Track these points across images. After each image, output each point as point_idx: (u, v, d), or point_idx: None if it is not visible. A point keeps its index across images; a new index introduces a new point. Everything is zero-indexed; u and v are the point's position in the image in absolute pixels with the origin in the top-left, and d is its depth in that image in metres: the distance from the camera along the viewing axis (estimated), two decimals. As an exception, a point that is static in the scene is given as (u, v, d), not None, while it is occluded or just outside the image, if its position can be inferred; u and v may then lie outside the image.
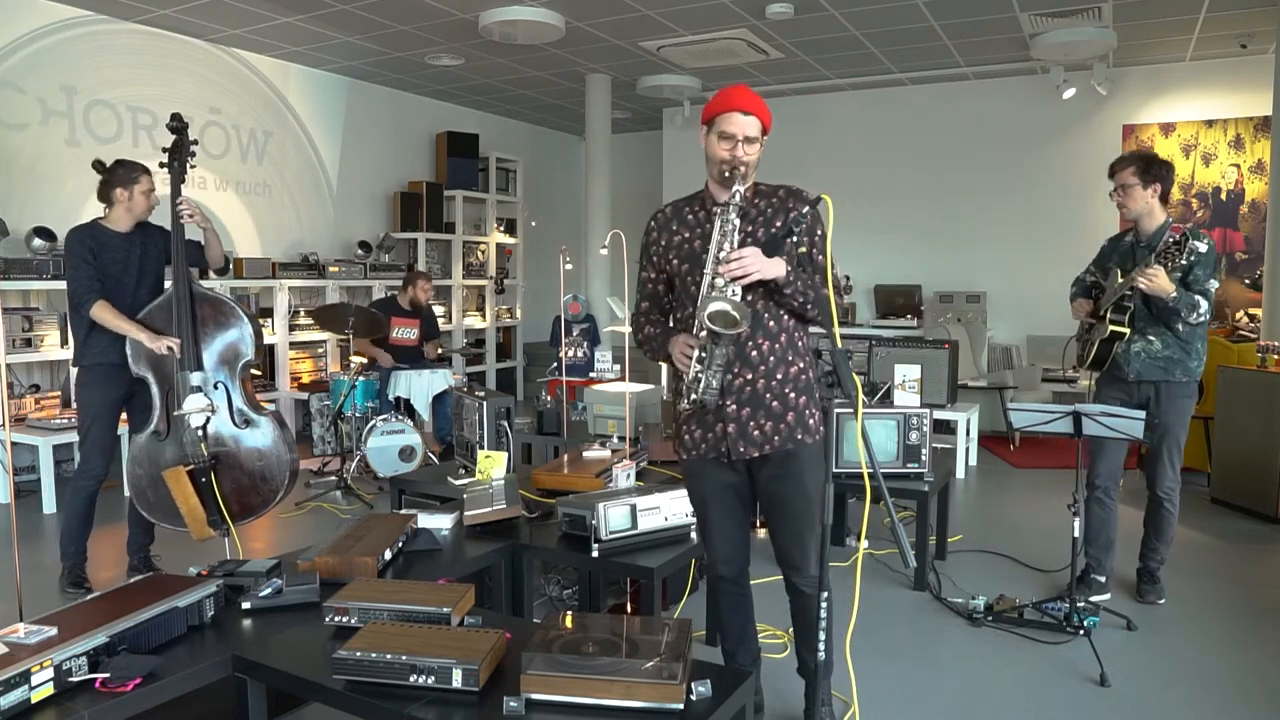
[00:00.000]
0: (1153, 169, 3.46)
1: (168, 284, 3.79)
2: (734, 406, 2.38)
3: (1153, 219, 3.51)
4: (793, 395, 2.39)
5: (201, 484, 3.53)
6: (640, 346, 2.62)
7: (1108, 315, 3.53)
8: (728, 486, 2.49)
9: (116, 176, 3.70)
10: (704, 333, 2.24)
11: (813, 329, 2.50)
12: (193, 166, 3.80)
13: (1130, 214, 3.55)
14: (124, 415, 3.89)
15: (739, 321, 2.21)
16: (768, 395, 2.38)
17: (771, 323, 2.39)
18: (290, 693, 2.02)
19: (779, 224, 2.36)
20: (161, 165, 3.72)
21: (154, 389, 3.64)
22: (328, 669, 1.84)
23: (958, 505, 5.27)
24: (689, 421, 2.48)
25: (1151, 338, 3.48)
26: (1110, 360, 3.57)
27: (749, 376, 2.38)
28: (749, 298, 2.35)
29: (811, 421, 2.42)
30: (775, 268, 2.28)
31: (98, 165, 3.75)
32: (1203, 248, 3.33)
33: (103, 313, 3.60)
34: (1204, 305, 3.34)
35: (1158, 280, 3.29)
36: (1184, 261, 3.27)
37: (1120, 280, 3.46)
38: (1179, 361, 3.46)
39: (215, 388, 3.65)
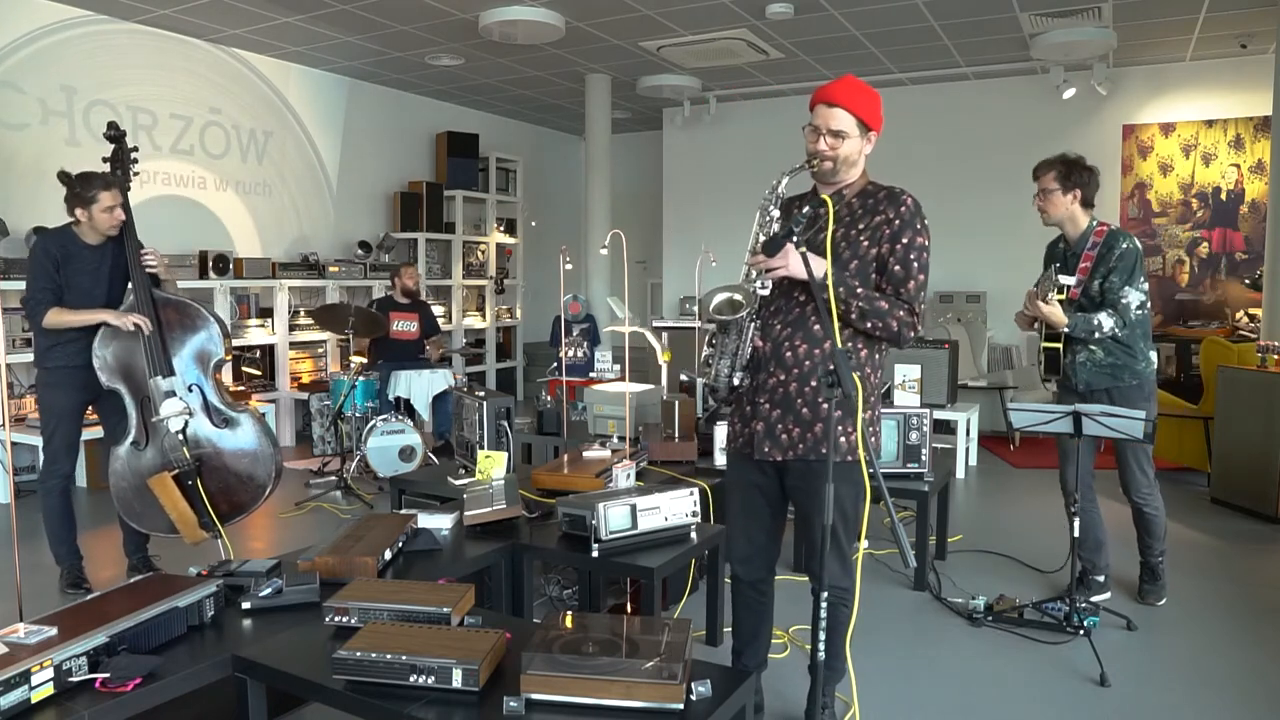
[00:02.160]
0: (1073, 175, 3.44)
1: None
2: (766, 405, 2.35)
3: (1075, 224, 3.49)
4: (825, 406, 2.31)
5: (188, 487, 3.52)
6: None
7: (1043, 332, 3.52)
8: (755, 486, 2.46)
9: (75, 195, 3.61)
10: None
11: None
12: (136, 174, 3.78)
13: (1050, 220, 3.54)
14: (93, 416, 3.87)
15: (742, 306, 2.21)
16: (799, 400, 2.32)
17: (818, 327, 2.30)
18: (290, 693, 2.02)
19: (862, 225, 2.31)
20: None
21: (128, 399, 3.61)
22: (328, 669, 1.84)
23: (958, 505, 5.27)
24: (732, 414, 2.47)
25: (1093, 347, 3.44)
26: (1062, 370, 3.55)
27: (782, 377, 2.33)
28: (801, 296, 2.31)
29: (843, 440, 2.31)
30: (800, 268, 2.19)
31: (62, 176, 3.68)
32: (1069, 280, 3.31)
33: (55, 318, 3.56)
34: (1107, 324, 3.30)
35: (1046, 313, 3.29)
36: (1057, 296, 3.25)
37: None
38: (1125, 365, 3.42)
39: (190, 390, 3.64)
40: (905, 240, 2.30)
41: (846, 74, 2.41)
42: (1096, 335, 3.33)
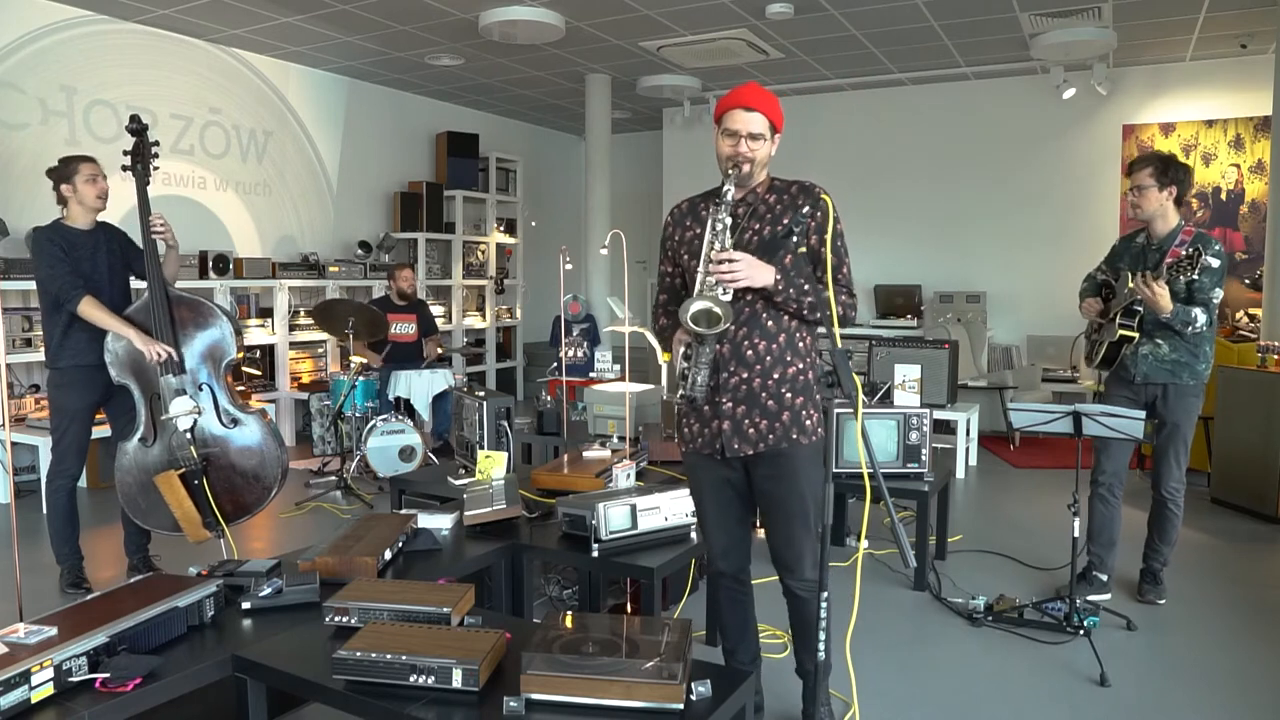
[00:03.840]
0: (1170, 171, 3.44)
1: (136, 284, 3.78)
2: (729, 404, 2.38)
3: (1165, 221, 3.49)
4: (789, 395, 2.38)
5: (194, 486, 3.52)
6: (658, 339, 2.62)
7: (1117, 319, 3.52)
8: (724, 482, 2.49)
9: (58, 174, 3.66)
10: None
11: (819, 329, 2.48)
12: (156, 168, 3.79)
13: (1143, 215, 3.54)
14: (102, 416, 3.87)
15: (721, 319, 2.21)
16: (763, 394, 2.38)
17: (770, 323, 2.38)
18: (290, 693, 2.02)
19: (786, 220, 2.35)
20: (125, 169, 3.71)
21: (137, 395, 3.61)
22: (328, 669, 1.84)
23: (958, 505, 5.27)
24: (688, 416, 2.49)
25: (1159, 341, 3.47)
26: (1118, 361, 3.57)
27: (744, 375, 2.37)
28: (748, 296, 2.34)
29: (808, 422, 2.40)
30: (763, 276, 2.27)
31: (49, 171, 3.72)
32: (1214, 263, 3.31)
33: (90, 309, 3.54)
34: (1201, 319, 3.33)
35: (1159, 296, 3.28)
36: (1195, 276, 3.27)
37: (1130, 285, 3.45)
38: (1186, 365, 3.45)
39: (200, 389, 3.64)
40: (829, 229, 2.38)
41: (750, 81, 2.46)
42: (1190, 329, 3.34)
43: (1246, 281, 7.56)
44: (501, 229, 9.71)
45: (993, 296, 8.24)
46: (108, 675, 1.82)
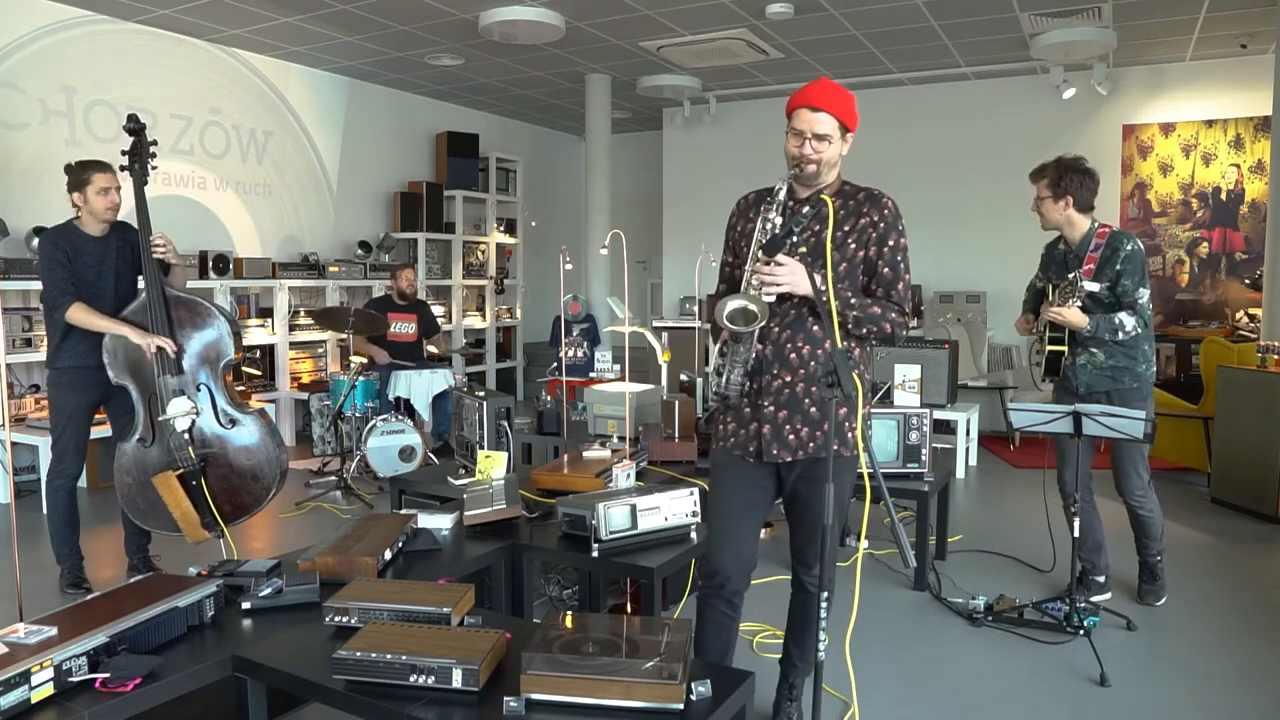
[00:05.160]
0: (1063, 181, 3.41)
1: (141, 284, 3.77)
2: (771, 408, 2.33)
3: (1074, 228, 3.47)
4: (833, 403, 2.33)
5: (192, 487, 3.52)
6: (711, 331, 2.56)
7: (1045, 334, 3.51)
8: (752, 487, 2.42)
9: (70, 180, 3.64)
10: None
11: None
12: (154, 168, 3.78)
13: (1045, 225, 3.54)
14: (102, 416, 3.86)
15: (757, 316, 2.19)
16: (806, 400, 2.32)
17: (816, 327, 2.31)
18: (290, 693, 2.02)
19: (848, 227, 2.31)
20: (123, 169, 3.70)
21: (135, 396, 3.61)
22: (328, 669, 1.84)
23: (958, 505, 5.27)
24: (725, 415, 2.43)
25: (1094, 350, 3.44)
26: (1061, 372, 3.55)
27: (788, 379, 2.32)
28: (794, 299, 2.30)
29: (850, 435, 2.34)
30: (806, 284, 2.21)
31: (66, 167, 3.72)
32: (1093, 287, 3.28)
33: (79, 314, 3.55)
34: (1129, 323, 3.30)
35: (1066, 317, 3.28)
36: (1079, 302, 3.25)
37: (1052, 297, 3.44)
38: (1126, 369, 3.42)
39: (198, 389, 3.63)
40: (892, 243, 2.33)
41: (822, 77, 2.41)
42: (1120, 335, 3.32)
43: (1246, 281, 7.56)
44: (501, 229, 9.71)
45: (993, 296, 8.23)
46: (108, 675, 1.82)
